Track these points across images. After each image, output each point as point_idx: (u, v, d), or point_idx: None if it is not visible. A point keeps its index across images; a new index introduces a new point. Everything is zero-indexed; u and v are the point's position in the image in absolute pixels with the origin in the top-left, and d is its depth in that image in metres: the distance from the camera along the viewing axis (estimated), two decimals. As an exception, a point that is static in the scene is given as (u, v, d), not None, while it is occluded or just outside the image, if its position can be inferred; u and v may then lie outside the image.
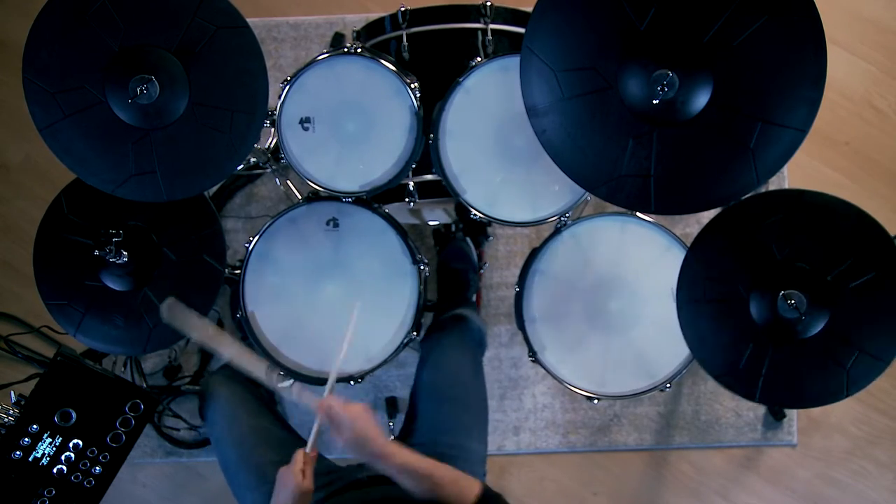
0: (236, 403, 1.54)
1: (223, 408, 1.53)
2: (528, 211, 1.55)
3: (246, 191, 2.20)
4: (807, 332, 1.25)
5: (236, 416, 1.52)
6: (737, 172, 1.21)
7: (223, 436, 1.50)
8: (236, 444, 1.48)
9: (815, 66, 1.15)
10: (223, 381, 1.58)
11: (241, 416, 1.51)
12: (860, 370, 1.24)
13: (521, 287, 1.61)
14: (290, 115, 1.51)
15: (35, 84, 1.28)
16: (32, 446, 1.45)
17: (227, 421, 1.51)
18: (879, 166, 2.16)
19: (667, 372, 1.57)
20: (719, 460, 2.15)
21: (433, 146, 1.51)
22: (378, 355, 1.60)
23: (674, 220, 2.09)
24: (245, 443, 1.47)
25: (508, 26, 1.60)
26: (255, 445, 1.46)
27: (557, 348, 1.60)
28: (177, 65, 1.28)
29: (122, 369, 2.00)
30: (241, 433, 1.49)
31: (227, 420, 1.51)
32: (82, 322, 1.49)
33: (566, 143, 1.25)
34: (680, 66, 1.17)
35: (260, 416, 1.54)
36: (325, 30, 2.23)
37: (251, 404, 1.56)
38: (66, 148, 1.31)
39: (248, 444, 1.47)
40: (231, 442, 1.48)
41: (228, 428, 1.50)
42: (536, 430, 2.15)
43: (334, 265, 1.60)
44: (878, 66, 2.18)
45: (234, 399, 1.54)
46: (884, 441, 2.13)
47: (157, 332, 1.48)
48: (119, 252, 1.41)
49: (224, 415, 1.52)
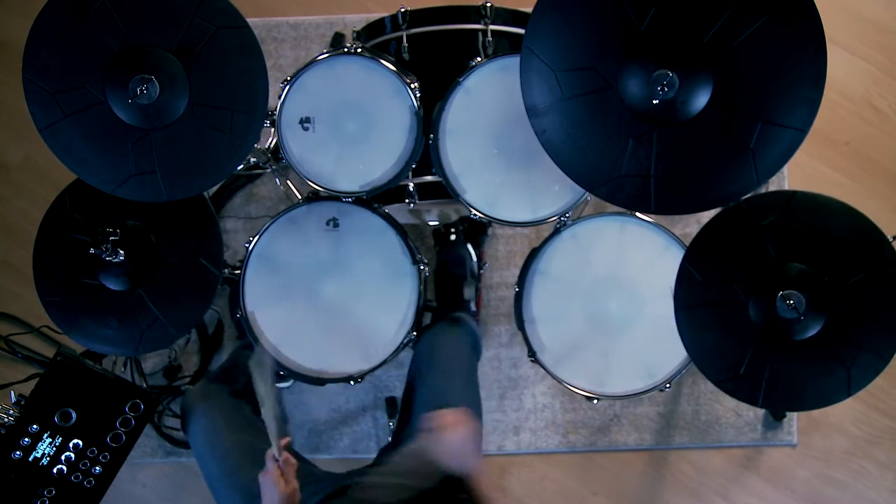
0: (217, 417, 1.50)
1: (203, 422, 1.49)
2: (528, 211, 1.55)
3: (246, 191, 2.20)
4: (806, 332, 1.25)
5: (217, 430, 1.48)
6: (737, 172, 1.21)
7: (205, 450, 1.46)
8: (219, 458, 1.44)
9: (815, 66, 1.15)
10: (203, 395, 1.55)
11: (222, 431, 1.48)
12: (861, 369, 1.24)
13: (520, 287, 1.61)
14: (290, 115, 1.51)
15: (35, 84, 1.28)
16: (32, 446, 1.45)
17: (208, 435, 1.48)
18: (879, 166, 2.16)
19: (667, 372, 1.57)
20: (719, 460, 2.15)
21: (433, 146, 1.51)
22: (378, 355, 1.60)
23: (673, 219, 2.09)
24: (228, 458, 1.43)
25: (508, 27, 1.60)
26: (240, 462, 1.42)
27: (557, 348, 1.60)
28: (177, 65, 1.28)
29: (122, 369, 2.00)
30: (224, 448, 1.45)
31: (209, 434, 1.48)
32: (76, 321, 1.49)
33: (566, 143, 1.25)
34: (680, 66, 1.17)
35: (242, 429, 1.49)
36: (325, 30, 2.23)
37: (233, 417, 1.52)
38: (66, 148, 1.31)
39: (231, 459, 1.43)
40: (214, 456, 1.45)
41: (210, 442, 1.47)
42: (536, 430, 2.15)
43: (334, 265, 1.60)
44: (878, 66, 2.18)
45: (214, 413, 1.51)
46: (884, 441, 2.13)
47: (149, 333, 1.48)
48: (115, 251, 1.40)
49: (205, 429, 1.48)
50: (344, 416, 2.15)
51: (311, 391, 2.13)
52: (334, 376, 1.60)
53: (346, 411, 2.15)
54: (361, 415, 2.15)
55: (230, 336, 2.17)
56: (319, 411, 2.15)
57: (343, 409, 2.15)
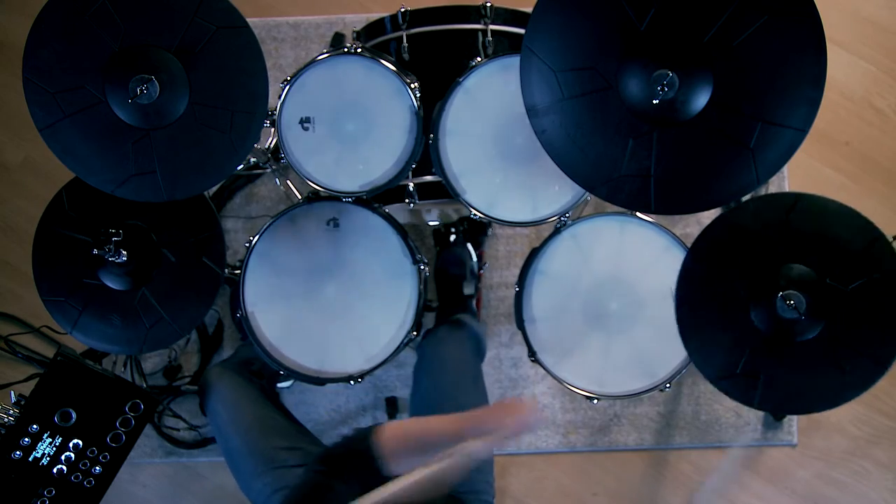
0: (238, 393, 1.54)
1: (225, 398, 1.53)
2: (528, 211, 1.55)
3: (246, 191, 2.20)
4: (806, 334, 1.25)
5: (239, 405, 1.52)
6: (737, 172, 1.21)
7: (227, 425, 1.49)
8: (241, 432, 1.47)
9: (815, 66, 1.15)
10: (222, 373, 1.59)
11: (244, 405, 1.52)
12: (859, 374, 1.24)
13: (520, 287, 1.61)
14: (290, 115, 1.51)
15: (35, 84, 1.28)
16: (32, 446, 1.45)
17: (229, 410, 1.51)
18: (879, 166, 2.16)
19: (667, 372, 1.57)
20: (719, 460, 2.15)
21: (433, 146, 1.51)
22: (378, 355, 1.60)
23: (674, 220, 2.09)
24: (251, 431, 1.47)
25: (508, 27, 1.60)
26: (262, 433, 1.46)
27: (557, 348, 1.60)
28: (177, 65, 1.28)
29: (122, 369, 2.00)
30: (245, 422, 1.49)
31: (230, 409, 1.51)
32: (79, 320, 1.48)
33: (566, 143, 1.25)
34: (680, 66, 1.16)
35: (263, 405, 1.54)
36: (325, 30, 2.23)
37: (253, 394, 1.56)
38: (66, 148, 1.31)
39: (253, 432, 1.47)
40: (235, 430, 1.48)
41: (232, 417, 1.50)
42: (536, 429, 2.15)
43: (334, 265, 1.60)
44: (878, 66, 2.18)
45: (235, 389, 1.55)
46: (884, 441, 2.13)
47: (153, 332, 1.48)
48: (118, 251, 1.41)
49: (226, 404, 1.52)
50: (344, 416, 2.15)
51: (311, 391, 2.14)
52: (334, 376, 1.60)
53: (346, 411, 2.15)
54: (361, 415, 2.15)
55: (230, 336, 2.17)
56: (319, 411, 2.15)
57: (343, 409, 2.15)
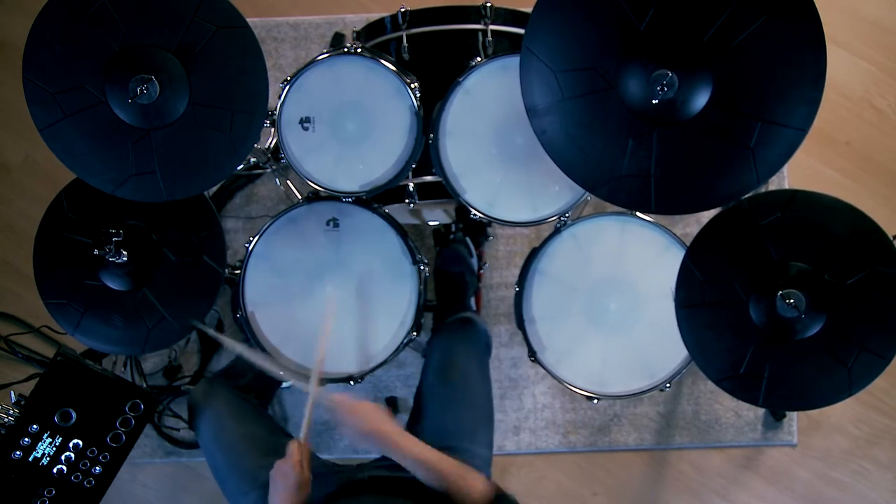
0: (223, 411, 1.53)
1: (209, 416, 1.52)
2: (528, 211, 1.55)
3: (246, 191, 2.20)
4: (806, 331, 1.25)
5: (223, 424, 1.51)
6: (737, 172, 1.21)
7: (212, 444, 1.50)
8: (225, 450, 1.48)
9: (815, 66, 1.15)
10: (208, 391, 1.58)
11: (228, 424, 1.51)
12: (862, 368, 1.24)
13: (520, 287, 1.61)
14: (290, 115, 1.51)
15: (35, 84, 1.28)
16: (32, 446, 1.45)
17: (214, 429, 1.51)
18: (879, 166, 2.16)
19: (667, 372, 1.57)
20: (719, 460, 2.15)
21: (433, 146, 1.51)
22: (378, 355, 1.60)
23: (674, 219, 2.09)
24: (234, 449, 1.47)
25: (508, 27, 1.60)
26: (246, 451, 1.46)
27: (557, 348, 1.60)
28: (177, 65, 1.28)
29: (122, 369, 2.00)
30: (229, 440, 1.49)
31: (215, 428, 1.51)
32: (81, 321, 1.49)
33: (566, 143, 1.25)
34: (679, 66, 1.17)
35: (249, 422, 1.54)
36: (325, 30, 2.23)
37: (240, 411, 1.55)
38: (66, 148, 1.31)
39: (237, 450, 1.47)
40: (220, 449, 1.48)
41: (216, 436, 1.50)
42: (536, 430, 2.15)
43: (334, 265, 1.60)
44: (878, 66, 2.18)
45: (220, 407, 1.54)
46: (884, 441, 2.13)
47: (155, 332, 1.48)
48: (119, 252, 1.41)
49: (211, 423, 1.52)
50: (344, 417, 2.15)
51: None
52: (334, 376, 1.60)
53: (347, 411, 2.15)
54: (361, 415, 2.15)
55: (230, 336, 2.17)
56: (319, 411, 2.14)
57: (343, 409, 2.15)
